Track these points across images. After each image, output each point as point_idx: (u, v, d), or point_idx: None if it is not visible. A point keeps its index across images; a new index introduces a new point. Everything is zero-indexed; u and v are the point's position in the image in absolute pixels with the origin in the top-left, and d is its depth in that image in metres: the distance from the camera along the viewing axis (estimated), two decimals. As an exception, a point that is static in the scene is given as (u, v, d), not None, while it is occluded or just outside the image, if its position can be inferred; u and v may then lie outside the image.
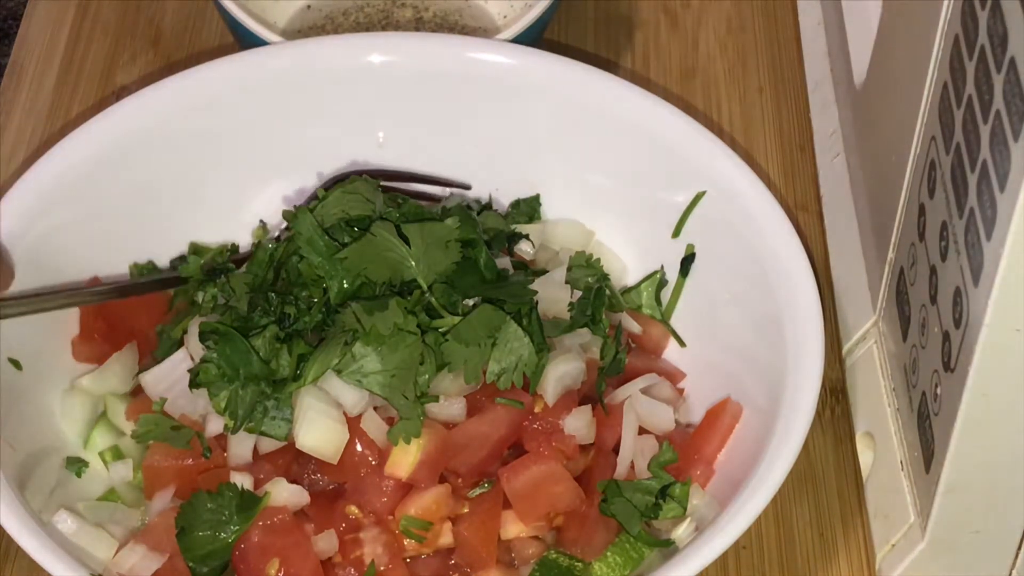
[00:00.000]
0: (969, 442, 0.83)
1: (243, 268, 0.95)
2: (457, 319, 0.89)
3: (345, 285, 0.90)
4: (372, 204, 0.93)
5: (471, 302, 0.91)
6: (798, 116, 1.14)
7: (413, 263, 0.90)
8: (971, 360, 0.80)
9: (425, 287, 0.90)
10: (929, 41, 0.86)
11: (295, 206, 0.93)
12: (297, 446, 0.87)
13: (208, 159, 1.01)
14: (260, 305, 0.90)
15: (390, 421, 0.88)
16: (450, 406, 0.89)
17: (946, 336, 0.84)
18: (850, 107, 1.07)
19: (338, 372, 0.87)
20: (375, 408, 0.88)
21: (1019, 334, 0.79)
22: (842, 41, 1.08)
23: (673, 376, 0.97)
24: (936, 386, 0.85)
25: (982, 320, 0.78)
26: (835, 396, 1.00)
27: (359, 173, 0.98)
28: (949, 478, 0.85)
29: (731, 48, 1.18)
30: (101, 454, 0.94)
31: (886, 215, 0.96)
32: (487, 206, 1.02)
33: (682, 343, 0.99)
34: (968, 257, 0.80)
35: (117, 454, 0.94)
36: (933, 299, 0.86)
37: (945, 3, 0.84)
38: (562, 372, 0.90)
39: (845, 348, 1.02)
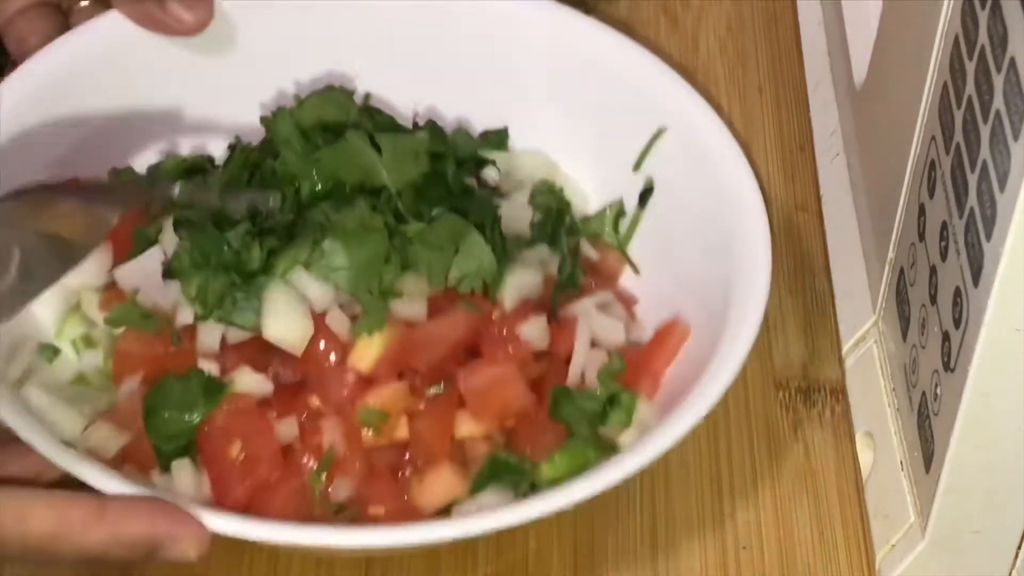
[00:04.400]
0: (969, 442, 0.83)
1: (218, 170, 0.99)
2: (423, 225, 0.92)
3: (318, 186, 0.93)
4: (347, 112, 0.97)
5: (437, 212, 0.93)
6: (798, 116, 1.14)
7: (384, 171, 0.93)
8: (971, 360, 0.80)
9: (393, 191, 0.93)
10: (929, 41, 0.86)
11: (272, 111, 0.96)
12: (264, 336, 0.90)
13: (188, 75, 1.02)
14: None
15: (354, 319, 0.90)
16: (412, 305, 0.91)
17: (946, 336, 0.84)
18: (850, 107, 1.07)
19: (306, 267, 0.90)
20: (340, 306, 0.91)
21: (1019, 334, 0.79)
22: (842, 41, 1.08)
23: (627, 301, 1.00)
24: (936, 386, 0.85)
25: (982, 320, 0.78)
26: (835, 396, 1.00)
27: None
28: (949, 478, 0.85)
29: (731, 48, 1.18)
30: (73, 342, 0.95)
31: (886, 215, 0.96)
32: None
33: (636, 271, 1.02)
34: (968, 257, 0.80)
35: (89, 342, 0.95)
36: (933, 299, 0.86)
37: (945, 3, 0.84)
38: (520, 281, 0.93)
39: (845, 348, 1.02)
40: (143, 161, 1.03)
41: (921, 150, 0.89)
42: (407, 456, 0.91)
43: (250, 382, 0.90)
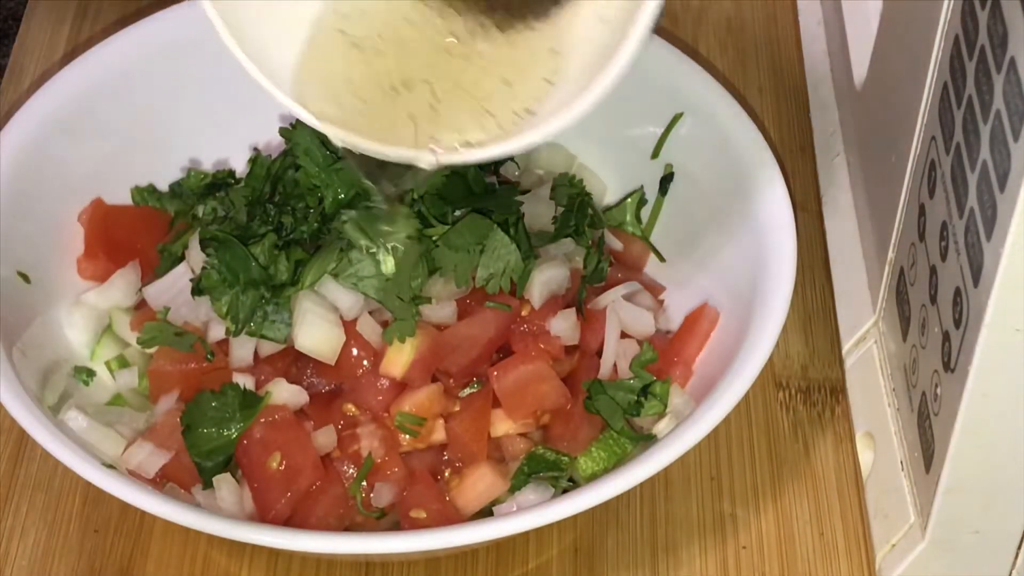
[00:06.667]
0: (969, 442, 0.83)
1: (241, 183, 0.99)
2: (447, 228, 0.92)
3: (340, 195, 0.93)
4: None
5: (459, 213, 0.94)
6: (798, 116, 1.14)
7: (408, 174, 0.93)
8: (971, 360, 0.80)
9: (416, 195, 0.93)
10: (929, 41, 0.86)
11: (291, 123, 0.96)
12: (296, 347, 0.91)
13: (206, 89, 1.03)
14: (258, 216, 0.94)
15: (384, 325, 0.91)
16: (441, 308, 0.92)
17: (946, 336, 0.84)
18: (850, 107, 1.07)
19: (335, 276, 0.90)
20: (370, 312, 0.91)
21: (1019, 334, 0.79)
22: (842, 41, 1.08)
23: (653, 289, 1.01)
24: (936, 386, 0.85)
25: (982, 320, 0.78)
26: (835, 396, 1.00)
27: None
28: (949, 478, 0.85)
29: (731, 48, 1.18)
30: (107, 363, 0.96)
31: (886, 215, 0.96)
32: None
33: (662, 258, 1.02)
34: (968, 257, 0.80)
35: (123, 363, 0.96)
36: (933, 299, 0.86)
37: (945, 3, 0.84)
38: (547, 277, 0.94)
39: (845, 348, 1.02)
40: (165, 178, 1.03)
41: (921, 150, 0.89)
42: (446, 457, 0.91)
43: (285, 393, 0.91)
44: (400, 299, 0.90)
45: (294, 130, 0.95)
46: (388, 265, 0.91)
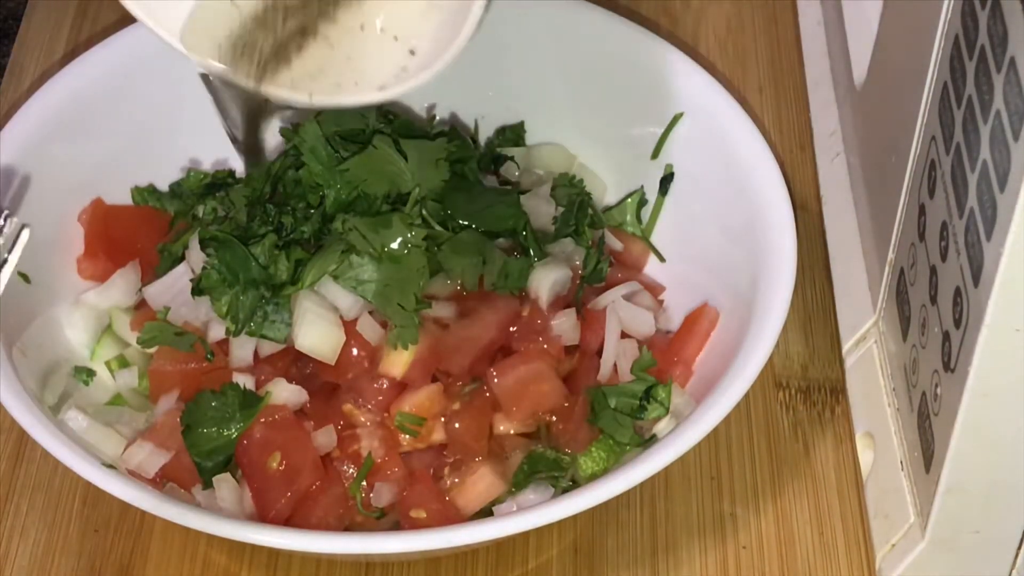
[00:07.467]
0: (969, 442, 0.83)
1: (241, 183, 0.99)
2: (448, 234, 0.92)
3: (342, 195, 0.93)
4: (365, 119, 0.97)
5: (464, 220, 0.94)
6: (798, 116, 1.14)
7: (411, 178, 0.94)
8: (971, 360, 0.80)
9: (419, 197, 0.93)
10: (929, 41, 0.86)
11: (292, 124, 0.96)
12: (296, 347, 0.91)
13: (205, 90, 1.02)
14: (258, 216, 0.94)
15: (385, 324, 0.91)
16: (441, 307, 0.92)
17: (946, 336, 0.84)
18: (850, 107, 1.07)
19: (335, 278, 0.90)
20: (370, 312, 0.91)
21: (1019, 334, 0.79)
22: (842, 41, 1.09)
23: (653, 289, 1.01)
24: (936, 386, 0.85)
25: (982, 320, 0.78)
26: (835, 396, 1.00)
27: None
28: (949, 478, 0.85)
29: (731, 48, 1.18)
30: (107, 363, 0.97)
31: (886, 215, 0.96)
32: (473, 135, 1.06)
33: (662, 258, 1.03)
34: (968, 257, 0.80)
35: (123, 363, 0.97)
36: (933, 299, 0.86)
37: (945, 3, 0.84)
38: (555, 279, 0.94)
39: (845, 348, 1.02)
40: (165, 178, 1.03)
41: (921, 150, 0.89)
42: (446, 458, 0.91)
43: (285, 393, 0.91)
44: (401, 307, 0.90)
45: (301, 128, 0.95)
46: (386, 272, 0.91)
